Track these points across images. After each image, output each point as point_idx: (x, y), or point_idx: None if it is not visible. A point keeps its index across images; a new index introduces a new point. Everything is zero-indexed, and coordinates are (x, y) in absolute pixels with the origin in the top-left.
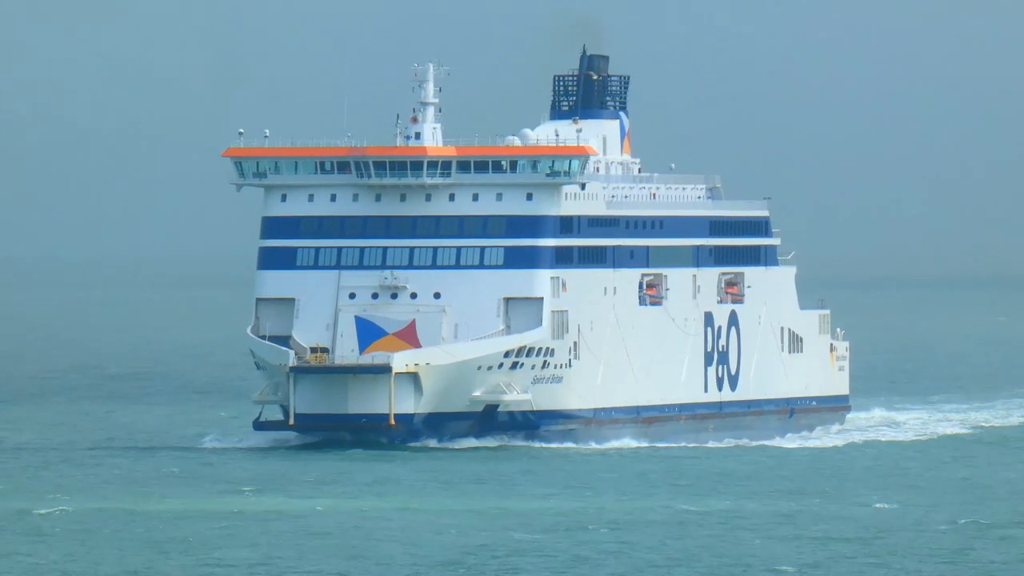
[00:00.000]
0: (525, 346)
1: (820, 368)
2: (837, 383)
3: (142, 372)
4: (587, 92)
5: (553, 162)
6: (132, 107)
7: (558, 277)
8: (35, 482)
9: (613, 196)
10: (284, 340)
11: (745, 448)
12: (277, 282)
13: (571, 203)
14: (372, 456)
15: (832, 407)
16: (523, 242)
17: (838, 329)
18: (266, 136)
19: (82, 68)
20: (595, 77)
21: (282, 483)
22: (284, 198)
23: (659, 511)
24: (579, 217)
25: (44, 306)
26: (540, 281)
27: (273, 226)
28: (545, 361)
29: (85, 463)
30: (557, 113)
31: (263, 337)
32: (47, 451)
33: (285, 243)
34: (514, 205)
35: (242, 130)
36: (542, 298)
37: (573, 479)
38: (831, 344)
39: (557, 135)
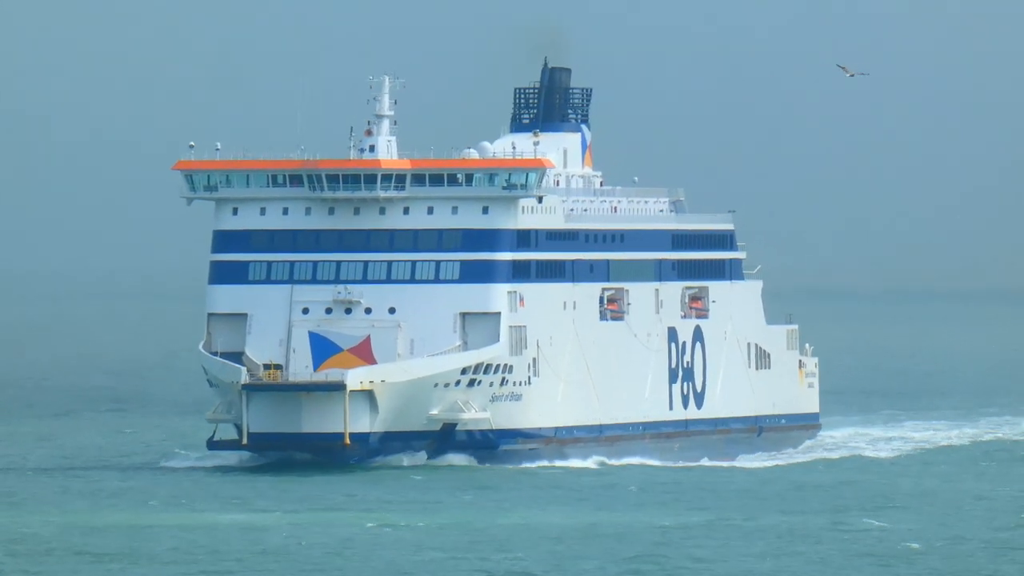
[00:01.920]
0: (483, 362)
1: (788, 385)
2: (806, 400)
3: (90, 385)
4: (548, 105)
5: (509, 175)
6: (80, 118)
7: (515, 291)
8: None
9: (572, 209)
10: (237, 356)
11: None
12: (229, 297)
13: (528, 216)
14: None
15: (801, 425)
16: (479, 256)
17: (807, 345)
18: (217, 149)
19: (32, 77)
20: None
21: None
22: (236, 211)
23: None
24: (537, 231)
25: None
26: (497, 296)
27: (224, 240)
28: (504, 378)
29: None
30: (518, 126)
31: (215, 353)
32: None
33: (237, 257)
34: (470, 219)
35: (193, 143)
36: (499, 313)
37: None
38: (800, 360)
39: (514, 148)
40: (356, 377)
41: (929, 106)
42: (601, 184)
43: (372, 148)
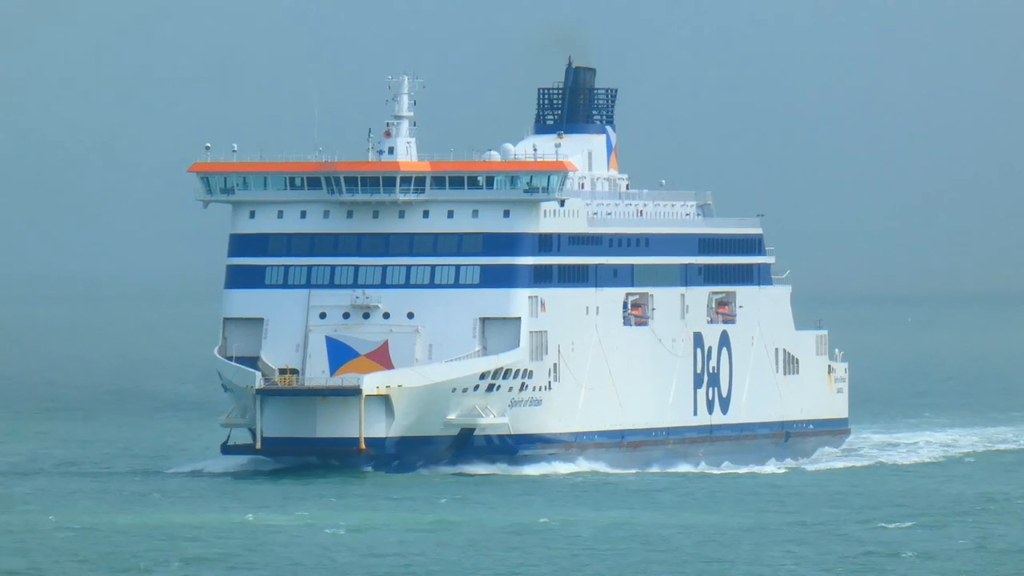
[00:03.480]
0: (502, 368)
1: (817, 390)
2: (835, 405)
3: (114, 387)
4: (572, 106)
5: (531, 178)
6: (97, 121)
7: (536, 296)
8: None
9: (595, 213)
10: (252, 361)
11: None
12: (245, 301)
13: (550, 220)
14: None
15: (830, 430)
16: (500, 260)
17: (836, 350)
18: (234, 150)
19: (44, 81)
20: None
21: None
22: (253, 214)
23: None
24: (559, 235)
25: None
26: (517, 300)
27: (241, 243)
28: (523, 383)
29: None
30: (542, 127)
31: (230, 358)
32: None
33: (253, 261)
34: (490, 222)
35: (209, 144)
36: (519, 318)
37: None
38: (829, 365)
39: (535, 150)
40: (372, 382)
41: (971, 104)
42: (627, 187)
43: (391, 150)
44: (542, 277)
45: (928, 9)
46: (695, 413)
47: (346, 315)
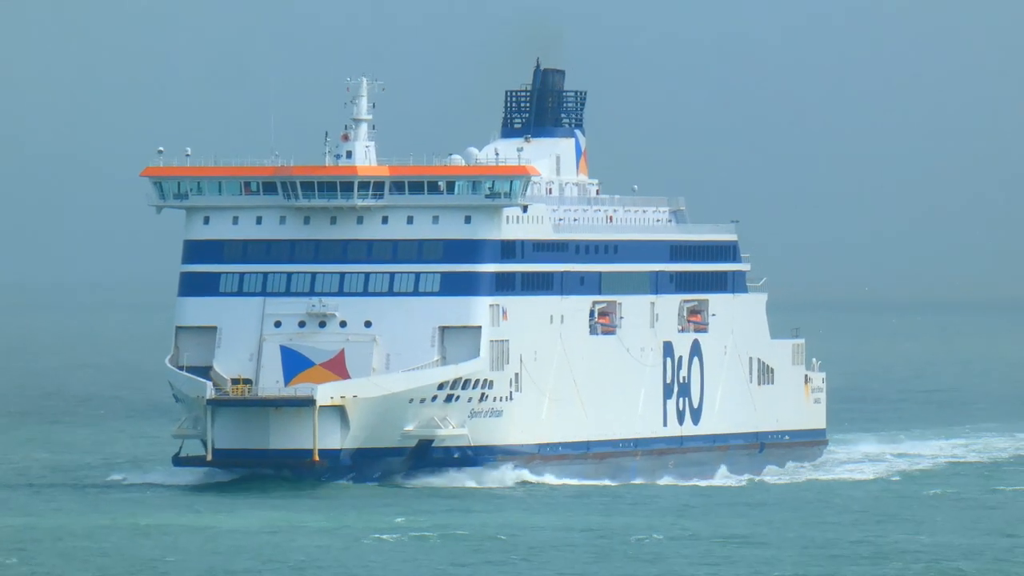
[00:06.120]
0: (461, 378)
1: (793, 400)
2: (813, 416)
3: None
4: (540, 109)
5: (493, 183)
6: (45, 124)
7: (498, 304)
8: None
9: (562, 219)
10: (205, 371)
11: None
12: (198, 309)
13: (513, 226)
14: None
15: (807, 441)
16: (460, 268)
17: (814, 360)
18: (188, 155)
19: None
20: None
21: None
22: (207, 220)
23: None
24: (522, 241)
25: None
26: (478, 309)
27: (195, 250)
28: (483, 394)
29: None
30: (509, 131)
31: (182, 367)
32: None
33: (207, 268)
34: (451, 228)
35: (162, 148)
36: (480, 327)
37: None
38: (806, 375)
39: (497, 154)
40: (326, 392)
41: (944, 112)
42: (598, 192)
43: (349, 154)
44: (504, 285)
45: (903, 13)
46: (665, 424)
47: (302, 323)
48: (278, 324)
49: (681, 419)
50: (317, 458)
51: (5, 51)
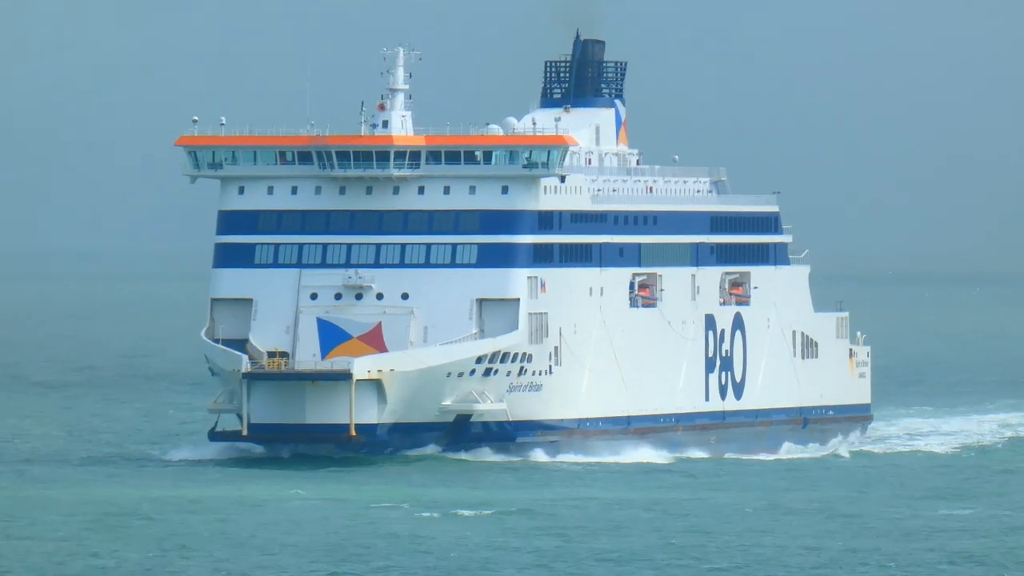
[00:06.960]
0: (499, 351)
1: (837, 375)
2: (857, 391)
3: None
4: (580, 79)
5: (530, 153)
6: (81, 96)
7: (536, 277)
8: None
9: (600, 190)
10: (241, 344)
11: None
12: (234, 281)
13: (551, 197)
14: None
15: (851, 416)
16: (498, 239)
17: (858, 333)
18: (222, 124)
19: (26, 59)
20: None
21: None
22: (242, 191)
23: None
24: (560, 212)
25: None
26: (516, 281)
27: (230, 221)
28: (522, 368)
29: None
30: (548, 101)
31: (217, 340)
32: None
33: (242, 239)
34: (488, 199)
35: (196, 117)
36: (518, 299)
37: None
38: (850, 349)
39: (534, 124)
40: (363, 366)
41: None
42: (638, 163)
43: (385, 124)
44: (542, 256)
45: None
46: (707, 399)
47: (338, 296)
48: (314, 296)
49: (723, 394)
50: (354, 433)
51: (38, 20)
